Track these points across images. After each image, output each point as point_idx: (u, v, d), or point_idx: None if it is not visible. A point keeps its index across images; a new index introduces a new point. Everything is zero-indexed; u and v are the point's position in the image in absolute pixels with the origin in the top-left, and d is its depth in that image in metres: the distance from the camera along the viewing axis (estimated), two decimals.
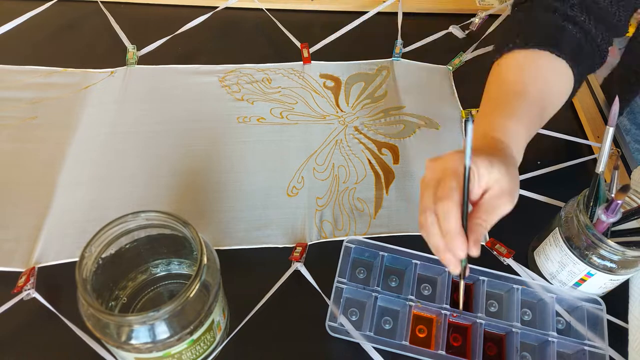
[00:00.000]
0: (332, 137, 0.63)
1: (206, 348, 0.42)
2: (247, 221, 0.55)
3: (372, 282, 0.50)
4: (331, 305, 0.48)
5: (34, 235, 0.52)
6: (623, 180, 0.60)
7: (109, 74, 0.67)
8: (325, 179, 0.59)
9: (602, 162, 0.46)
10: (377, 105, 0.66)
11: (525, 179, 0.59)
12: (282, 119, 0.64)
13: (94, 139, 0.60)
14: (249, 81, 0.68)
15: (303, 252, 0.52)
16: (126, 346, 0.36)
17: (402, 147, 0.62)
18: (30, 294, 0.47)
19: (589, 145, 0.64)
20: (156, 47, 0.70)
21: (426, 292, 0.51)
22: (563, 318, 0.50)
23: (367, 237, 0.53)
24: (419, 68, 0.71)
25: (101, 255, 0.39)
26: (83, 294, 0.35)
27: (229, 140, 0.61)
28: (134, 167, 0.58)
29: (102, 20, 0.74)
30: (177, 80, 0.67)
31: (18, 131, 0.61)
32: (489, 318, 0.48)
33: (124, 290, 0.43)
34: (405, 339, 0.46)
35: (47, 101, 0.64)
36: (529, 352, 0.48)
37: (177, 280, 0.45)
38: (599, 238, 0.45)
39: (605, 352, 0.47)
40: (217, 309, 0.41)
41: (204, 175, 0.58)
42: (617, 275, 0.46)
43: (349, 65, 0.71)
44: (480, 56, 0.73)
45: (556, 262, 0.49)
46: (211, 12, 0.74)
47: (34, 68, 0.67)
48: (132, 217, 0.39)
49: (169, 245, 0.43)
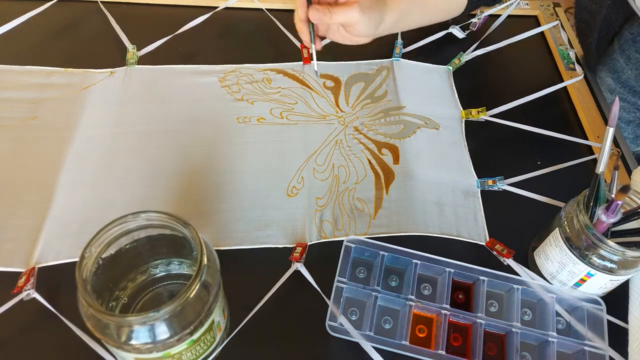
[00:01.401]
0: (332, 137, 0.63)
1: (206, 348, 0.42)
2: (247, 221, 0.55)
3: (372, 281, 0.50)
4: (331, 305, 0.48)
5: (34, 236, 0.52)
6: (623, 180, 0.60)
7: (109, 74, 0.67)
8: (325, 179, 0.59)
9: (602, 162, 0.46)
10: (377, 105, 0.66)
11: (525, 179, 0.59)
12: (282, 119, 0.64)
13: (94, 139, 0.60)
14: (249, 81, 0.68)
15: (303, 252, 0.52)
16: (126, 346, 0.36)
17: (402, 147, 0.62)
18: (30, 294, 0.47)
19: (589, 145, 0.64)
20: (156, 47, 0.70)
21: (426, 292, 0.51)
22: (563, 318, 0.50)
23: (367, 237, 0.53)
24: (419, 68, 0.71)
25: (101, 256, 0.39)
26: (83, 294, 0.35)
27: (229, 140, 0.61)
28: (134, 168, 0.58)
29: (102, 20, 0.74)
30: (177, 81, 0.67)
31: (18, 131, 0.61)
32: (489, 318, 0.48)
33: (124, 290, 0.43)
34: (405, 339, 0.46)
35: (47, 101, 0.64)
36: (529, 352, 0.48)
37: (177, 281, 0.45)
38: (599, 238, 0.45)
39: (605, 352, 0.47)
40: (217, 309, 0.41)
41: (204, 176, 0.58)
42: (617, 275, 0.46)
43: (349, 65, 0.71)
44: (480, 56, 0.73)
45: (556, 262, 0.49)
46: (211, 12, 0.74)
47: (34, 68, 0.67)
48: (132, 217, 0.39)
49: (169, 245, 0.43)
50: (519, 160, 0.62)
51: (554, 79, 0.72)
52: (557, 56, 0.75)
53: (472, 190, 0.59)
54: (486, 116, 0.65)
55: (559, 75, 0.73)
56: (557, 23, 0.78)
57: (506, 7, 0.77)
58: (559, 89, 0.69)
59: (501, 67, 0.74)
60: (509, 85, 0.72)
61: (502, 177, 0.59)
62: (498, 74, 0.74)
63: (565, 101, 0.70)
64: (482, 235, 0.55)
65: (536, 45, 0.77)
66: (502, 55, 0.74)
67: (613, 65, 0.73)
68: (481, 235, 0.55)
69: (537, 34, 0.76)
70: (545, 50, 0.76)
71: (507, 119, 0.65)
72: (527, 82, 0.70)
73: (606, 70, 0.74)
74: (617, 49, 0.72)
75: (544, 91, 0.68)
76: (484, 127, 0.65)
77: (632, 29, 0.69)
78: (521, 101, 0.67)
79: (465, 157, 0.62)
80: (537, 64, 0.75)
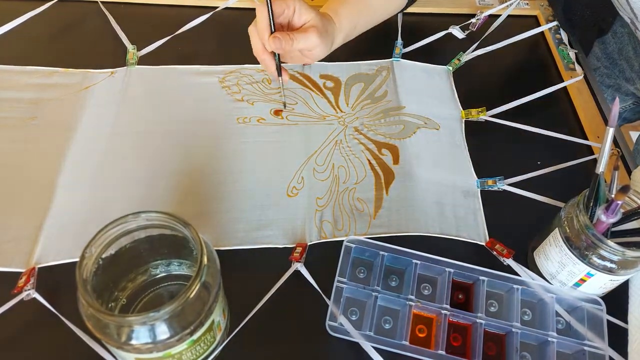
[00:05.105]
0: (332, 137, 0.63)
1: (206, 348, 0.42)
2: (247, 221, 0.55)
3: (372, 281, 0.50)
4: (331, 305, 0.48)
5: (34, 236, 0.52)
6: (623, 180, 0.60)
7: (109, 74, 0.67)
8: (325, 179, 0.59)
9: (602, 162, 0.46)
10: (377, 105, 0.66)
11: (526, 179, 0.59)
12: (282, 119, 0.64)
13: (94, 139, 0.60)
14: (249, 82, 0.68)
15: (303, 253, 0.52)
16: (126, 346, 0.36)
17: (402, 148, 0.62)
18: (31, 294, 0.48)
19: (589, 145, 0.64)
20: (156, 47, 0.70)
21: (426, 292, 0.51)
22: (563, 318, 0.50)
23: (367, 237, 0.53)
24: (419, 68, 0.71)
25: (101, 256, 0.39)
26: (83, 294, 0.35)
27: (229, 140, 0.61)
28: (134, 168, 0.58)
29: (102, 20, 0.74)
30: (177, 81, 0.67)
31: (18, 131, 0.61)
32: (489, 318, 0.48)
33: (124, 291, 0.43)
34: (405, 339, 0.46)
35: (47, 101, 0.64)
36: (529, 352, 0.48)
37: (177, 282, 0.45)
38: (598, 238, 0.45)
39: (605, 352, 0.47)
40: (217, 309, 0.41)
41: (204, 176, 0.58)
42: (617, 275, 0.46)
43: (349, 65, 0.71)
44: (480, 56, 0.73)
45: (556, 262, 0.49)
46: (211, 12, 0.74)
47: (34, 68, 0.67)
48: (133, 217, 0.39)
49: (169, 245, 0.43)
50: (519, 160, 0.62)
51: (554, 79, 0.72)
52: (557, 56, 0.75)
53: (472, 190, 0.59)
54: (486, 116, 0.65)
55: (559, 75, 0.73)
56: (557, 23, 0.78)
57: (506, 7, 0.77)
58: (559, 89, 0.69)
59: (501, 67, 0.74)
60: (509, 85, 0.72)
61: (502, 177, 0.59)
62: (498, 74, 0.74)
63: (565, 101, 0.70)
64: (482, 235, 0.55)
65: (536, 45, 0.78)
66: (502, 55, 0.74)
67: (602, 38, 0.81)
68: (481, 235, 0.55)
69: (537, 34, 0.76)
70: (545, 50, 0.76)
71: (507, 119, 0.65)
72: (527, 82, 0.70)
73: (597, 42, 0.82)
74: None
75: (544, 91, 0.68)
76: (484, 127, 0.65)
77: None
78: (521, 101, 0.67)
79: (465, 157, 0.62)
80: (537, 64, 0.75)
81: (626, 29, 0.77)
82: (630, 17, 0.67)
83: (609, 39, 0.80)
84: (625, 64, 0.80)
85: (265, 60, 0.58)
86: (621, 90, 0.84)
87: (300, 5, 0.56)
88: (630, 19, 0.68)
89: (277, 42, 0.54)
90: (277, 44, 0.54)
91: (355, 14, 0.63)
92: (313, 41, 0.55)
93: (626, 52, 0.78)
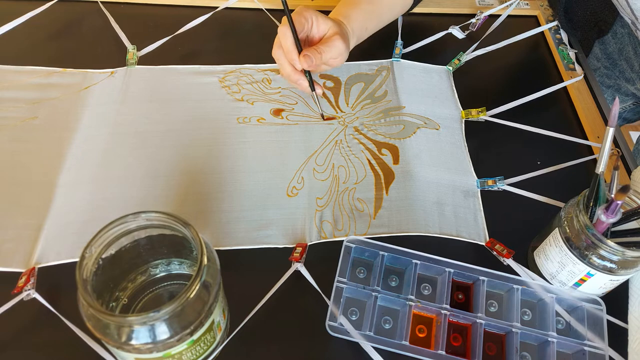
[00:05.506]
0: (332, 137, 0.63)
1: (206, 348, 0.42)
2: (247, 221, 0.55)
3: (372, 281, 0.50)
4: (331, 305, 0.48)
5: (34, 236, 0.52)
6: (623, 180, 0.60)
7: (109, 74, 0.67)
8: (325, 179, 0.59)
9: (602, 162, 0.46)
10: (377, 105, 0.66)
11: (525, 179, 0.59)
12: (282, 119, 0.64)
13: (94, 139, 0.60)
14: (249, 81, 0.68)
15: (303, 253, 0.52)
16: (126, 347, 0.36)
17: (402, 148, 0.62)
18: (31, 294, 0.48)
19: (589, 145, 0.64)
20: (156, 47, 0.70)
21: (426, 292, 0.51)
22: (563, 318, 0.50)
23: (367, 237, 0.53)
24: (419, 68, 0.71)
25: (101, 256, 0.39)
26: (83, 294, 0.35)
27: (229, 140, 0.61)
28: (134, 168, 0.58)
29: (102, 20, 0.74)
30: (177, 81, 0.67)
31: (18, 131, 0.61)
32: (489, 318, 0.48)
33: (124, 291, 0.43)
34: (405, 339, 0.46)
35: (47, 101, 0.64)
36: (529, 352, 0.48)
37: (177, 282, 0.45)
38: (598, 238, 0.45)
39: (605, 352, 0.47)
40: (217, 309, 0.41)
41: (204, 176, 0.58)
42: (617, 275, 0.46)
43: (349, 65, 0.71)
44: (480, 56, 0.73)
45: (556, 262, 0.49)
46: (211, 12, 0.74)
47: (34, 68, 0.67)
48: (133, 217, 0.39)
49: (169, 245, 0.43)
50: (519, 160, 0.62)
51: (554, 79, 0.72)
52: (557, 56, 0.75)
53: (472, 190, 0.59)
54: (486, 116, 0.65)
55: (559, 75, 0.73)
56: (557, 23, 0.78)
57: (506, 7, 0.77)
58: (558, 89, 0.69)
59: (501, 67, 0.74)
60: (509, 85, 0.72)
61: (502, 177, 0.59)
62: (498, 74, 0.74)
63: (565, 101, 0.70)
64: (482, 235, 0.55)
65: (536, 45, 0.78)
66: (502, 55, 0.74)
67: (602, 38, 0.81)
68: (481, 235, 0.55)
69: (537, 34, 0.76)
70: (546, 50, 0.77)
71: (507, 119, 0.65)
72: (527, 82, 0.70)
73: (597, 43, 0.82)
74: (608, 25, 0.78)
75: (543, 91, 0.68)
76: (484, 127, 0.65)
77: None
78: (521, 101, 0.67)
79: (465, 157, 0.62)
80: (537, 64, 0.75)
81: (626, 29, 0.77)
82: (631, 19, 0.67)
83: (609, 39, 0.80)
84: (625, 64, 0.80)
85: (298, 80, 0.59)
86: (621, 91, 0.84)
87: (317, 16, 0.57)
88: (630, 19, 0.68)
89: (309, 59, 0.55)
90: (309, 62, 0.55)
91: (366, 17, 0.64)
92: (339, 48, 0.56)
93: (626, 53, 0.79)
